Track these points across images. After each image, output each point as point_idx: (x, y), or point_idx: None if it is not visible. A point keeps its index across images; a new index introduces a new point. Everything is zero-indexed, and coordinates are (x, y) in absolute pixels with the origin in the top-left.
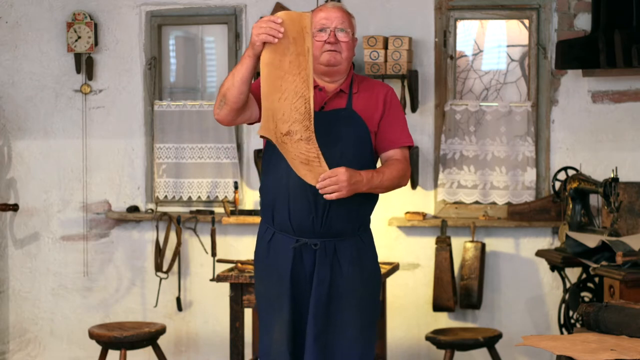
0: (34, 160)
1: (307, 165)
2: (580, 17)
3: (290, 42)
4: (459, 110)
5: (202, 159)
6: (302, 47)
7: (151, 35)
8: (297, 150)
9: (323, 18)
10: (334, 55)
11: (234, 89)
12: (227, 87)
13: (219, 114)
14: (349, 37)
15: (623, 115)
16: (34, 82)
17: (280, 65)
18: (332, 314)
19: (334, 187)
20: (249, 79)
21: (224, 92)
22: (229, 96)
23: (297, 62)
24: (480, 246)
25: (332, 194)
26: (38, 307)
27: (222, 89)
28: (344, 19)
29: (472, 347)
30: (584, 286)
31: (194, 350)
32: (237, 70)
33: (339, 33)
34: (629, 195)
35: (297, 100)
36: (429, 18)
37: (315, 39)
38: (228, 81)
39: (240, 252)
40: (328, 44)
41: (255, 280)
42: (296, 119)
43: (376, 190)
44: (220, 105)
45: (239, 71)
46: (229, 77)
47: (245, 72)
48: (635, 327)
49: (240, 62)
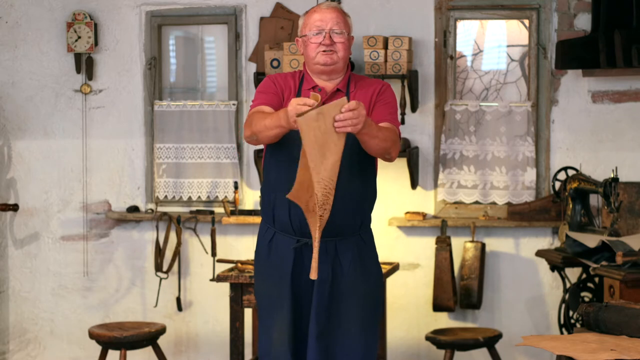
0: (34, 160)
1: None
2: (580, 17)
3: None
4: (459, 110)
5: (202, 159)
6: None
7: (151, 35)
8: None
9: (318, 20)
10: (330, 56)
11: (266, 138)
12: (259, 130)
13: (250, 142)
14: (345, 37)
15: (623, 115)
16: (34, 82)
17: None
18: (334, 313)
19: (354, 120)
20: (280, 137)
21: (255, 132)
22: (260, 138)
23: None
24: (480, 246)
25: (347, 128)
26: (38, 307)
27: (254, 127)
28: (339, 19)
29: (472, 347)
30: (584, 286)
31: (194, 350)
32: (271, 128)
33: (334, 35)
34: (629, 195)
35: (329, 189)
36: (429, 18)
37: (310, 42)
38: (261, 127)
39: (240, 252)
40: (324, 45)
41: (256, 279)
42: (324, 202)
43: (371, 138)
44: (251, 138)
45: (273, 130)
46: (261, 124)
47: (281, 135)
48: (635, 327)
49: (276, 124)
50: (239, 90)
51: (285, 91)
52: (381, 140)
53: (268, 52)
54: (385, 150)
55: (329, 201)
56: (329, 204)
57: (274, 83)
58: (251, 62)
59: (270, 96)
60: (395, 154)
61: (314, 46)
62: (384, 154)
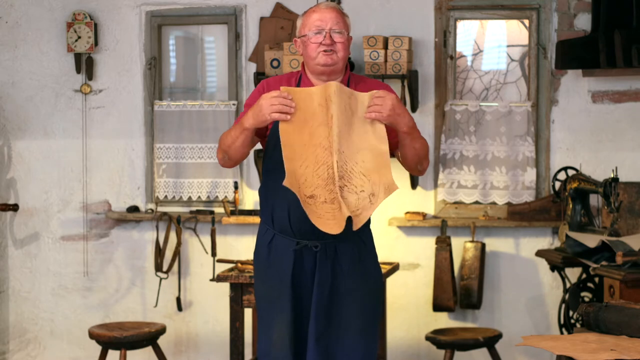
0: (34, 160)
1: (332, 220)
2: (580, 17)
3: (309, 115)
4: (459, 110)
5: (202, 159)
6: (324, 117)
7: (151, 35)
8: (322, 210)
9: (318, 20)
10: (331, 56)
11: (236, 152)
12: (228, 145)
13: (225, 165)
14: (344, 37)
15: (623, 115)
16: (34, 82)
17: (300, 137)
18: (334, 314)
19: (383, 107)
20: (249, 144)
21: (225, 149)
22: (231, 154)
23: (317, 133)
24: (480, 246)
25: (373, 114)
26: (38, 307)
27: (223, 145)
28: (339, 19)
29: (472, 347)
30: (584, 286)
31: (194, 350)
32: (236, 137)
33: (334, 34)
34: (629, 195)
35: (319, 168)
36: (429, 18)
37: (310, 42)
38: (228, 141)
39: (240, 252)
40: (324, 45)
41: (255, 280)
42: (319, 184)
43: (412, 140)
44: (223, 159)
45: (239, 139)
46: (228, 138)
47: (246, 140)
48: (635, 327)
49: (240, 130)
50: (239, 90)
51: None
52: (419, 148)
53: (268, 52)
54: (419, 160)
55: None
56: (351, 184)
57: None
58: (251, 62)
59: None
60: (426, 166)
61: (314, 46)
62: (417, 165)
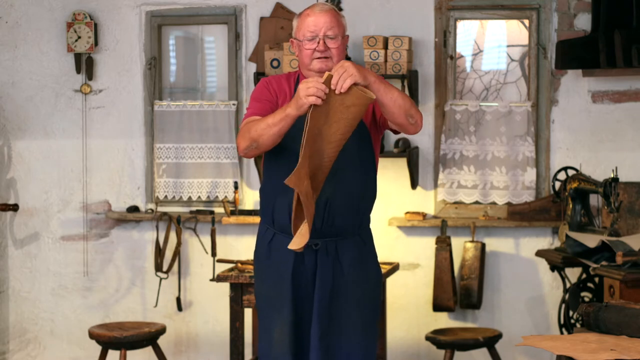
0: (34, 160)
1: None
2: (580, 17)
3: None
4: (459, 110)
5: (202, 159)
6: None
7: (151, 35)
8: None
9: (312, 25)
10: (326, 63)
11: (269, 139)
12: (260, 134)
13: (247, 154)
14: (339, 41)
15: (623, 115)
16: (34, 82)
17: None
18: (334, 313)
19: (344, 74)
20: (286, 132)
21: (255, 138)
22: (262, 142)
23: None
24: (480, 246)
25: (346, 81)
26: (38, 307)
27: (253, 133)
28: (333, 23)
29: (472, 347)
30: (584, 286)
31: (194, 350)
32: (276, 123)
33: (328, 40)
34: (629, 195)
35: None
36: (429, 18)
37: (304, 47)
38: (262, 129)
39: (240, 252)
40: (318, 52)
41: (256, 280)
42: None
43: (386, 91)
44: (249, 147)
45: (278, 125)
46: (262, 125)
47: (286, 127)
48: (635, 327)
49: (281, 117)
50: (239, 90)
51: (279, 96)
52: (397, 96)
53: (268, 52)
54: (406, 111)
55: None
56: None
57: (268, 89)
58: (251, 62)
59: (263, 104)
60: (419, 118)
61: (309, 52)
62: (407, 117)
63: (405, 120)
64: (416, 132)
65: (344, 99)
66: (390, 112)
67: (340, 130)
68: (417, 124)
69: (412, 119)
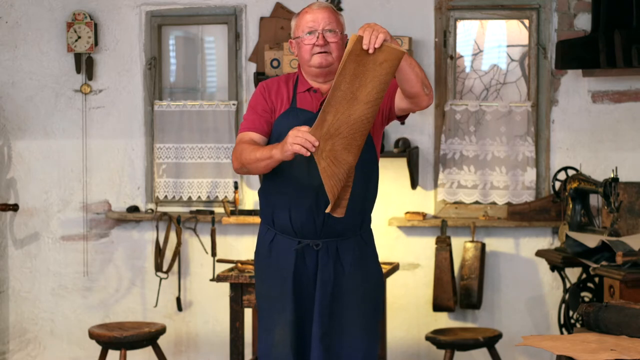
0: (34, 160)
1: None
2: (580, 17)
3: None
4: (459, 110)
5: (202, 159)
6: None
7: (151, 35)
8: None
9: (310, 21)
10: (325, 57)
11: (258, 170)
12: (249, 162)
13: (239, 173)
14: (338, 36)
15: (623, 115)
16: (34, 82)
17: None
18: (336, 313)
19: (374, 32)
20: (270, 169)
21: (245, 164)
22: (252, 170)
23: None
24: (480, 246)
25: (379, 36)
26: (38, 307)
27: (244, 160)
28: (331, 19)
29: (472, 347)
30: (584, 286)
31: (194, 350)
32: (262, 159)
33: (327, 34)
34: (629, 195)
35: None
36: (429, 18)
37: (304, 43)
38: (251, 159)
39: (240, 252)
40: (317, 46)
41: (256, 280)
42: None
43: (408, 64)
44: (241, 170)
45: (264, 161)
46: (251, 156)
47: (272, 165)
48: (635, 327)
49: (267, 156)
50: (239, 90)
51: (277, 104)
52: (415, 64)
53: (268, 52)
54: (422, 79)
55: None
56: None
57: (264, 97)
58: (251, 62)
59: (259, 116)
60: (431, 89)
61: (308, 47)
62: (423, 86)
63: (421, 89)
64: (429, 105)
65: (377, 56)
66: (409, 79)
67: (376, 89)
68: (430, 95)
69: (427, 89)
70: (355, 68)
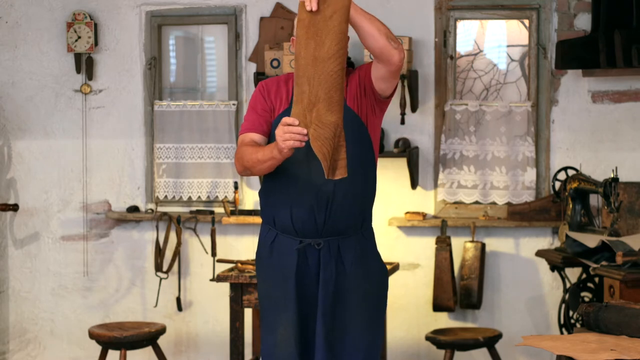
0: (34, 160)
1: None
2: (580, 17)
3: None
4: (459, 110)
5: (202, 159)
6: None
7: (151, 35)
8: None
9: None
10: None
11: (261, 171)
12: (252, 165)
13: (243, 175)
14: None
15: (623, 115)
16: (34, 82)
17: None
18: (338, 312)
19: None
20: (274, 169)
21: (248, 167)
22: (255, 172)
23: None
24: (480, 246)
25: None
26: (38, 307)
27: (246, 162)
28: None
29: (472, 347)
30: (584, 286)
31: (194, 350)
32: (265, 160)
33: None
34: (629, 195)
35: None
36: (429, 18)
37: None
38: (253, 161)
39: (240, 252)
40: None
41: (258, 280)
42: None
43: (363, 12)
44: (245, 172)
45: (267, 162)
46: (253, 157)
47: (275, 165)
48: (635, 327)
49: (269, 157)
50: (239, 90)
51: (276, 103)
52: (374, 19)
53: (268, 52)
54: (386, 33)
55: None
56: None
57: (264, 97)
58: (251, 62)
59: (258, 117)
60: (401, 48)
61: None
62: (388, 40)
63: (387, 42)
64: (401, 60)
65: (324, 12)
66: (370, 33)
67: (335, 41)
68: (400, 49)
69: (394, 42)
70: (307, 32)
